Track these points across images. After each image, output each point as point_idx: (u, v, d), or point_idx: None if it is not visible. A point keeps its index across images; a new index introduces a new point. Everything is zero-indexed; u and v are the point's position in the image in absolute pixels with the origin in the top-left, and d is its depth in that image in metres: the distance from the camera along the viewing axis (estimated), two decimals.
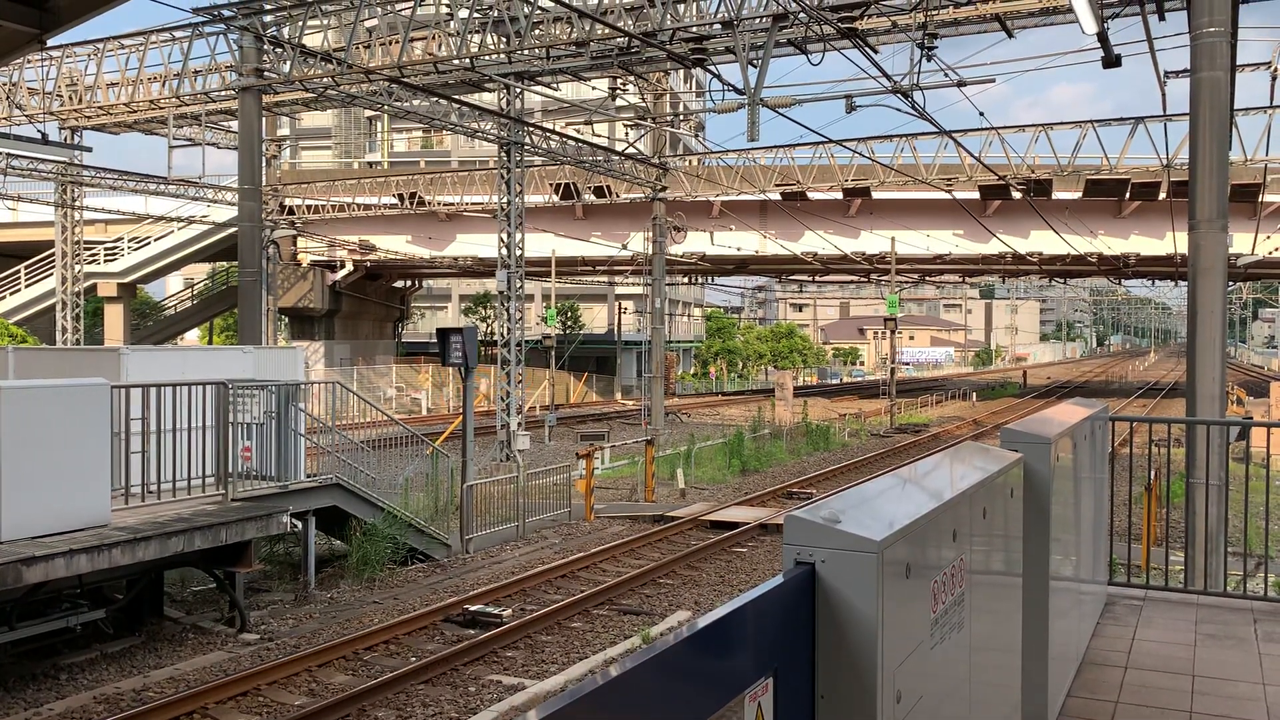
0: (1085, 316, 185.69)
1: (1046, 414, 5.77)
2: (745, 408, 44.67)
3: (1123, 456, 22.15)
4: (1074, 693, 5.39)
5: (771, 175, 36.25)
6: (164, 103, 27.72)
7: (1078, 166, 32.31)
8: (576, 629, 12.03)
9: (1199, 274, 10.88)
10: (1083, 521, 5.84)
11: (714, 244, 41.78)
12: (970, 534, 3.25)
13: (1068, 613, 5.32)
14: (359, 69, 21.89)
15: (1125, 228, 39.60)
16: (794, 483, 22.93)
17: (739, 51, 17.62)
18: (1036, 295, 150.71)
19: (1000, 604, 3.85)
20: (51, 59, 29.11)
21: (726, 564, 15.58)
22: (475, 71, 22.58)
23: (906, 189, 36.01)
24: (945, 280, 64.97)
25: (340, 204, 41.62)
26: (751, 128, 17.33)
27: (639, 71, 24.34)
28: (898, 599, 2.45)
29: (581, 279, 56.48)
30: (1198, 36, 10.94)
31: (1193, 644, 6.18)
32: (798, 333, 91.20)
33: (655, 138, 35.68)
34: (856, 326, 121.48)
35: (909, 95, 18.14)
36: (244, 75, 20.99)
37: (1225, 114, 11.00)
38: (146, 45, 27.59)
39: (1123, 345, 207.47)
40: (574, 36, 20.27)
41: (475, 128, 27.44)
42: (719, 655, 1.98)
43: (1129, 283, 68.84)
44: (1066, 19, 19.49)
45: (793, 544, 2.37)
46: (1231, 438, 12.02)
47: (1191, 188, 11.02)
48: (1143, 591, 7.43)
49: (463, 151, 65.85)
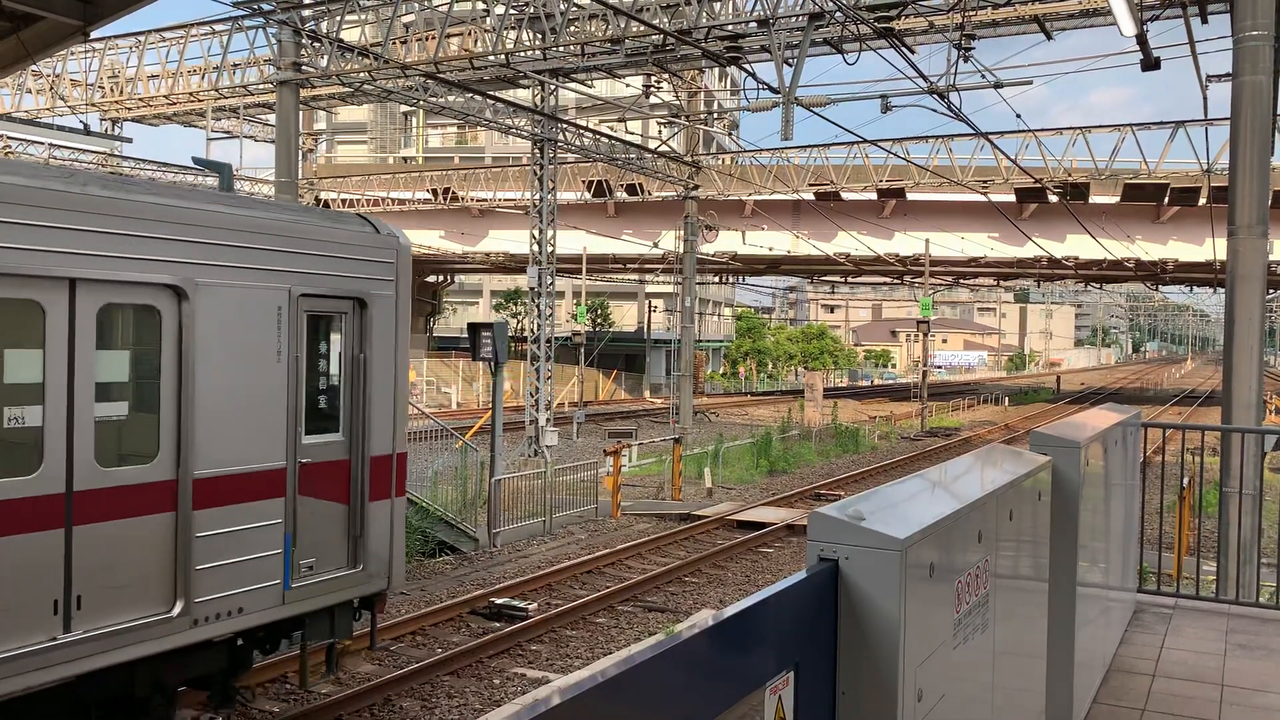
0: (1121, 322, 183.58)
1: (1077, 419, 5.73)
2: (774, 408, 44.56)
3: (1155, 464, 21.89)
4: (1100, 700, 5.35)
5: (805, 175, 36.12)
6: (203, 95, 28.06)
7: (1115, 170, 31.94)
8: (601, 624, 12.07)
9: (1238, 280, 10.74)
10: (1112, 528, 5.79)
11: (746, 243, 41.69)
12: (996, 536, 3.24)
13: (1095, 619, 5.28)
14: (395, 64, 22.05)
15: (1163, 233, 39.11)
16: (822, 484, 22.85)
17: (774, 50, 17.57)
18: (1072, 300, 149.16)
19: (1025, 608, 3.83)
20: (94, 51, 29.56)
21: (752, 564, 15.57)
22: (510, 68, 22.68)
23: (941, 190, 35.76)
24: (979, 283, 64.50)
25: (375, 198, 41.95)
26: (786, 126, 17.28)
27: (673, 69, 24.35)
28: (921, 598, 2.46)
29: (612, 276, 56.60)
30: (1240, 40, 10.79)
31: (1223, 654, 6.11)
32: (829, 334, 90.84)
33: (688, 136, 35.65)
34: (889, 328, 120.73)
35: (945, 96, 18.03)
36: (282, 69, 21.20)
37: (1267, 118, 10.85)
38: (187, 38, 27.95)
39: (1159, 352, 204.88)
40: (609, 34, 20.30)
41: (509, 124, 27.56)
42: (741, 648, 2.00)
43: (1166, 289, 68.03)
44: (1106, 21, 19.28)
45: (817, 540, 2.38)
46: (1268, 447, 11.84)
47: (1231, 193, 10.87)
48: (1173, 600, 7.36)
49: (496, 147, 66.12)
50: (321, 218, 8.30)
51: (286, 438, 7.53)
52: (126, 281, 6.52)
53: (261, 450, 7.37)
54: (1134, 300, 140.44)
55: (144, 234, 6.60)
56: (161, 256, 6.64)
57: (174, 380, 6.81)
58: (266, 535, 7.36)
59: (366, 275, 8.21)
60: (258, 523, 7.30)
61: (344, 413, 8.18)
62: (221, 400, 7.05)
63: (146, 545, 6.65)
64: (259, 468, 7.34)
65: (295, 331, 7.58)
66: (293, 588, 7.59)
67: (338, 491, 8.08)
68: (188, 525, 6.82)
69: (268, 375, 7.39)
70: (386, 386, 8.44)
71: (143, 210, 6.61)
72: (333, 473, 8.04)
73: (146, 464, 6.68)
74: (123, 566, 6.50)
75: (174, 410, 6.80)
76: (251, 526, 7.26)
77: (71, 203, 6.23)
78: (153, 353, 6.79)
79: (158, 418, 6.75)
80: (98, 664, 6.35)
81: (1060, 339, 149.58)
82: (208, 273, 6.92)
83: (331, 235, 8.00)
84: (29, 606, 6.00)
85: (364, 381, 8.23)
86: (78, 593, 6.23)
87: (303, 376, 7.71)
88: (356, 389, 8.22)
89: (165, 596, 6.75)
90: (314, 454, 7.83)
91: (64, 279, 6.20)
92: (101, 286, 6.40)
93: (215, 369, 7.00)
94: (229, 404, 7.11)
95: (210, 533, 6.97)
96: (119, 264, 6.46)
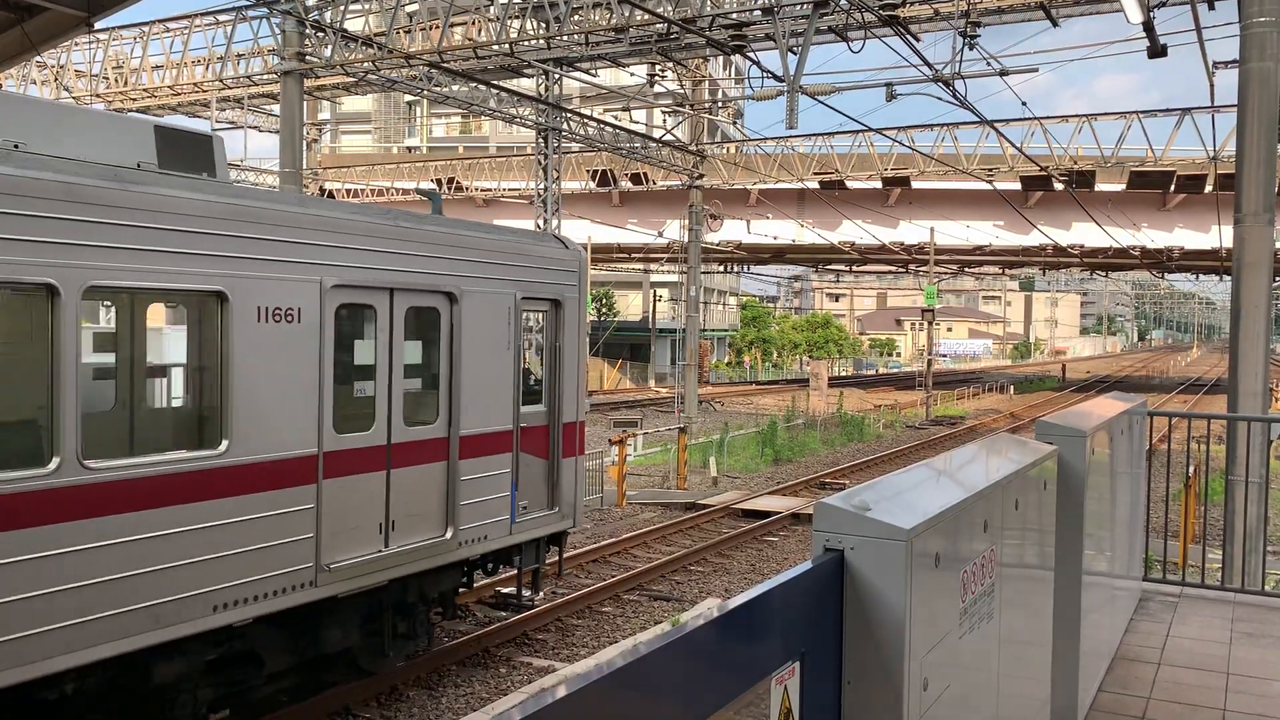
0: (1127, 310, 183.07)
1: (1083, 408, 5.72)
2: (779, 397, 44.54)
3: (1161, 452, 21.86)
4: (1105, 688, 5.35)
5: (810, 164, 36.02)
6: (207, 86, 28.03)
7: (1122, 158, 31.82)
8: (607, 613, 12.10)
9: (1244, 268, 10.70)
10: (1118, 516, 5.79)
11: (750, 232, 41.62)
12: (1002, 526, 3.24)
13: (1100, 607, 5.28)
14: (399, 54, 22.01)
15: (1170, 221, 38.97)
16: (827, 473, 22.86)
17: (779, 38, 17.51)
18: (1077, 288, 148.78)
19: (1031, 596, 3.83)
20: (99, 42, 29.52)
21: (757, 552, 15.59)
22: (514, 57, 22.61)
23: (947, 179, 35.65)
24: (985, 272, 64.33)
25: (379, 188, 41.91)
26: (790, 115, 17.24)
27: (678, 58, 24.26)
28: (927, 588, 2.46)
29: (617, 266, 56.51)
30: (1248, 26, 10.73)
31: (1228, 642, 6.11)
32: (834, 323, 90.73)
33: (693, 125, 35.56)
34: (893, 317, 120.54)
35: (950, 84, 17.96)
36: (286, 59, 21.16)
37: (1274, 106, 10.79)
38: (191, 29, 27.91)
39: (1165, 340, 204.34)
40: (613, 22, 20.24)
41: (513, 113, 27.49)
42: (746, 639, 2.00)
43: (1172, 277, 67.84)
44: (1112, 7, 19.19)
45: (822, 531, 2.38)
46: (1274, 435, 11.81)
47: (1238, 180, 10.83)
48: (1179, 588, 7.36)
49: (501, 137, 66.03)
50: (531, 238, 10.82)
51: (513, 406, 9.94)
52: (422, 289, 8.74)
53: (499, 416, 9.75)
54: (1139, 288, 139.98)
55: (431, 254, 8.83)
56: (443, 271, 8.98)
57: (448, 362, 9.12)
58: (501, 481, 9.78)
59: (560, 282, 10.58)
60: (496, 471, 9.71)
61: (545, 388, 10.64)
62: (476, 377, 9.36)
63: (430, 485, 8.88)
64: (498, 429, 9.75)
65: (517, 326, 9.91)
66: (516, 522, 10.05)
67: (542, 449, 10.56)
68: (455, 471, 9.07)
69: (502, 359, 9.76)
70: (574, 367, 10.90)
71: (432, 237, 8.88)
72: (539, 435, 10.50)
73: (430, 425, 8.92)
74: (417, 500, 8.71)
75: (447, 384, 9.10)
76: (493, 474, 9.67)
77: (391, 233, 8.38)
78: (434, 342, 9.04)
79: (436, 391, 9.08)
80: (401, 572, 8.56)
81: (1065, 327, 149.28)
82: (469, 283, 9.26)
83: (538, 251, 10.35)
84: (366, 527, 8.21)
85: (558, 364, 10.69)
86: (393, 518, 8.46)
87: (520, 360, 10.09)
88: (554, 369, 10.69)
89: (441, 524, 9.00)
90: (528, 420, 10.27)
91: (387, 289, 8.40)
92: (408, 294, 8.65)
93: (472, 354, 9.35)
94: (481, 380, 9.44)
95: (469, 477, 9.30)
96: (417, 277, 8.68)
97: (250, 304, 7.22)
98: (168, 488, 6.70)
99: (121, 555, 6.44)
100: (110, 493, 6.37)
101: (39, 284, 6.03)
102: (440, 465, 8.97)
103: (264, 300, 7.32)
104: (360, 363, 8.44)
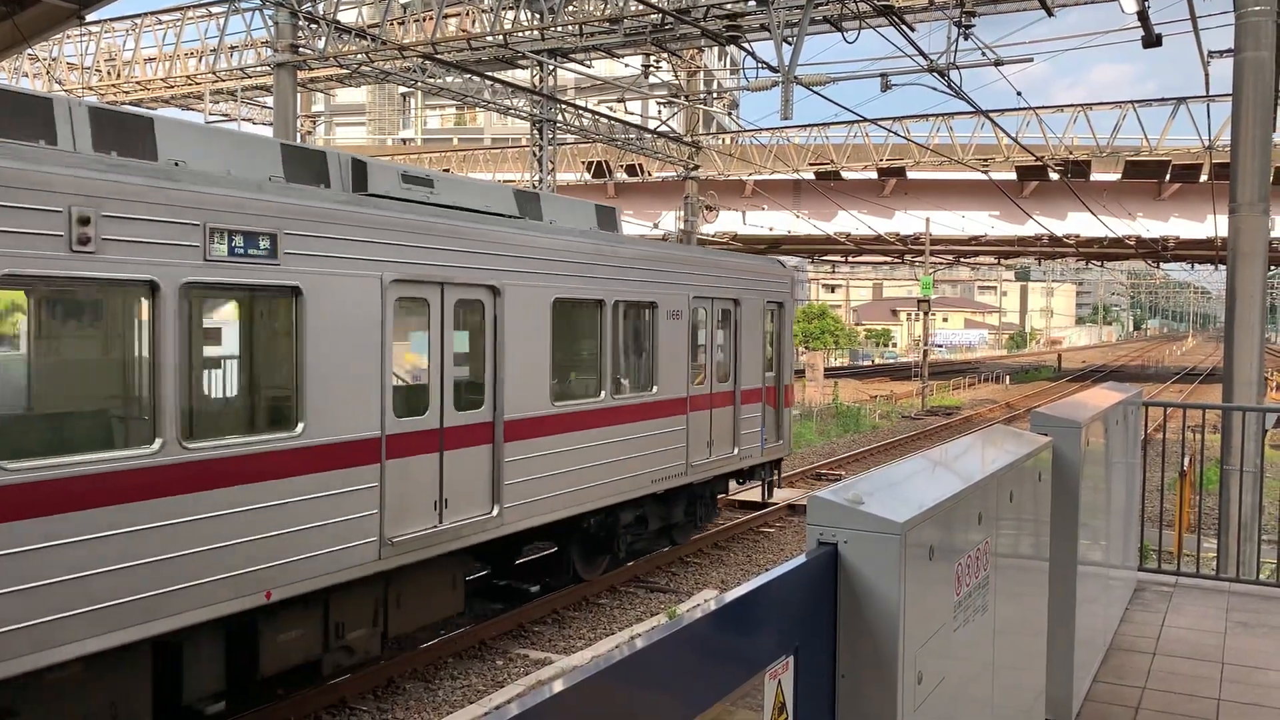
0: (1122, 300, 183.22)
1: (1078, 398, 5.73)
2: None
3: (1156, 442, 21.91)
4: (1100, 678, 5.37)
5: (805, 154, 35.98)
6: (200, 78, 27.92)
7: (1117, 148, 31.82)
8: (604, 605, 12.11)
9: (1239, 258, 10.70)
10: (1113, 507, 5.80)
11: (746, 223, 41.55)
12: (996, 517, 3.24)
13: (1095, 598, 5.29)
14: (393, 45, 21.93)
15: (1165, 210, 38.98)
16: (823, 464, 22.87)
17: (773, 29, 17.46)
18: (1073, 278, 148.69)
19: (1026, 588, 3.84)
20: (90, 34, 29.40)
21: (754, 544, 15.60)
22: (508, 48, 22.54)
23: (942, 169, 35.63)
24: (980, 262, 64.35)
25: None
26: (785, 106, 17.18)
27: (672, 49, 24.20)
28: (921, 581, 2.46)
29: None
30: (1243, 15, 10.71)
31: (1223, 631, 6.13)
32: (829, 313, 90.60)
33: (688, 116, 35.46)
34: (889, 308, 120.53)
35: (945, 74, 17.92)
36: (279, 51, 21.07)
37: (1269, 95, 10.79)
38: (183, 21, 27.79)
39: (1160, 329, 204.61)
40: (607, 13, 20.18)
41: (508, 105, 27.41)
42: (741, 633, 2.00)
43: (1168, 266, 67.91)
44: None
45: (816, 524, 2.38)
46: (1268, 424, 11.84)
47: (1233, 170, 10.82)
48: (1174, 578, 7.38)
49: (495, 129, 65.86)
50: (763, 261, 16.37)
51: (762, 372, 15.00)
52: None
53: (755, 379, 14.78)
54: (1135, 278, 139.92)
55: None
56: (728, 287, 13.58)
57: (731, 346, 14.05)
58: (756, 420, 14.81)
59: (782, 290, 15.50)
60: (756, 414, 14.82)
61: (775, 361, 15.42)
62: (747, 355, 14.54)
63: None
64: (757, 387, 14.89)
65: (767, 321, 15.08)
66: (766, 447, 15.11)
67: (773, 402, 15.40)
68: (500, 453, 9.69)
69: (756, 342, 14.73)
70: (789, 348, 15.91)
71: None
72: (771, 393, 15.35)
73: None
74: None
75: (732, 361, 13.86)
76: (754, 415, 14.75)
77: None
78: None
79: (729, 362, 13.75)
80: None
81: (1061, 317, 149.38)
82: (739, 293, 14.15)
83: (769, 270, 15.44)
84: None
85: (780, 346, 15.56)
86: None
87: (765, 340, 15.04)
88: (780, 349, 15.57)
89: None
90: (767, 381, 15.14)
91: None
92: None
93: (748, 341, 14.45)
94: (743, 357, 14.36)
95: (746, 417, 14.50)
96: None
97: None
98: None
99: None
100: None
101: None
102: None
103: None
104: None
